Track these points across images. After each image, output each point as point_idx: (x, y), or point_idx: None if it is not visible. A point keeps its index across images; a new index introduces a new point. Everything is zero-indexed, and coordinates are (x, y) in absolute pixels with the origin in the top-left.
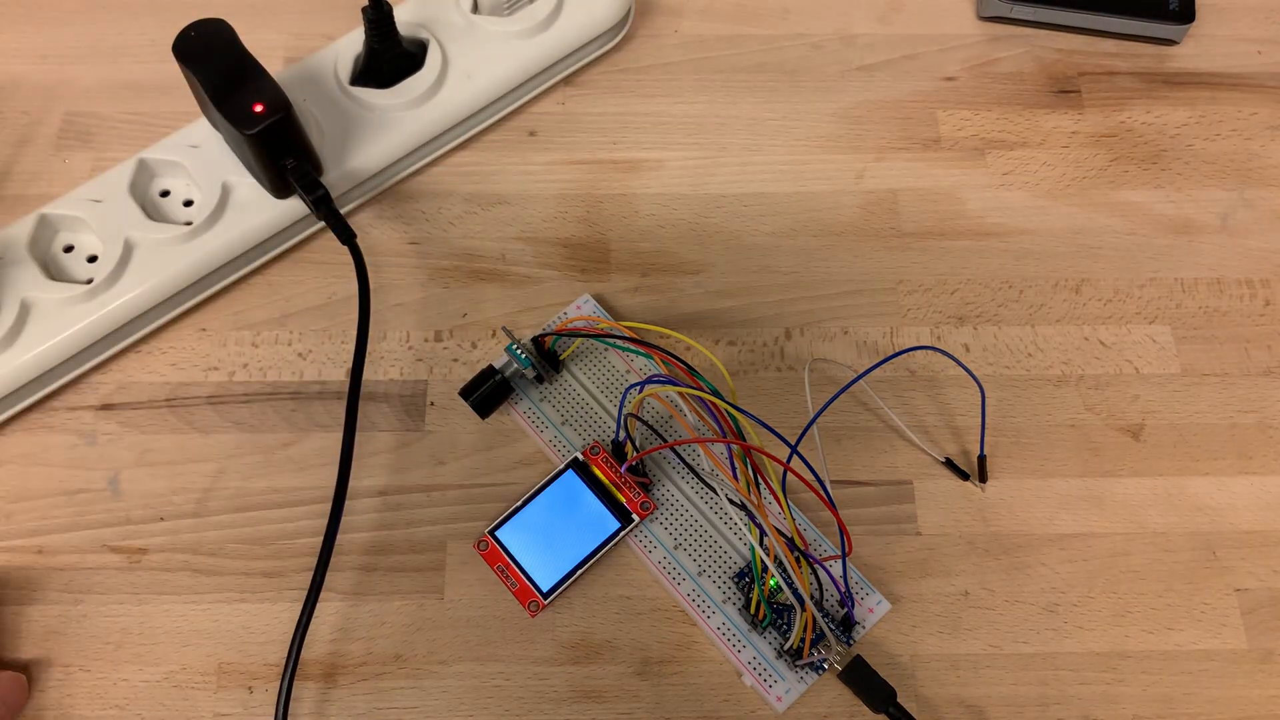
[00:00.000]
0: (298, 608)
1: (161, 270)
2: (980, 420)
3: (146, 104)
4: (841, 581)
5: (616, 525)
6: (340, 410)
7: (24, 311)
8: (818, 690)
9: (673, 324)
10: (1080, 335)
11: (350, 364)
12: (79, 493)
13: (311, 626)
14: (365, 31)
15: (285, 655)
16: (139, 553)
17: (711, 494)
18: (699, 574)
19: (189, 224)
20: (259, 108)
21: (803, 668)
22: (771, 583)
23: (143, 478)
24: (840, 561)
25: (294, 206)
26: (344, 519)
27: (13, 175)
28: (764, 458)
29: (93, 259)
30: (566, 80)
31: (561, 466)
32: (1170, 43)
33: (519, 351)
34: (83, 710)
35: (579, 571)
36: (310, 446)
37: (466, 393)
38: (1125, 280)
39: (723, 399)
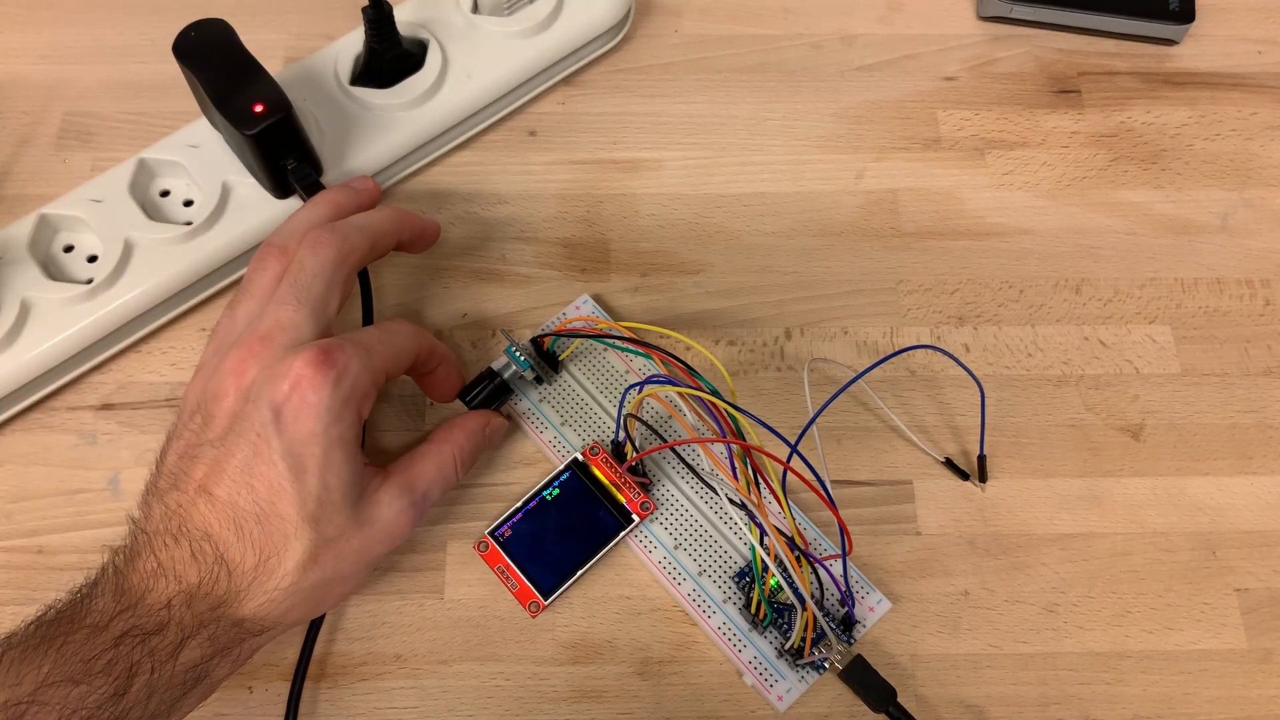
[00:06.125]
0: None
1: (161, 270)
2: (980, 420)
3: (146, 104)
4: (842, 581)
5: (616, 525)
6: None
7: (24, 311)
8: (818, 690)
9: (673, 324)
10: (1080, 335)
11: None
12: (79, 493)
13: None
14: (365, 31)
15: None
16: None
17: (711, 494)
18: (699, 574)
19: (189, 224)
20: (259, 108)
21: (803, 667)
22: (772, 582)
23: (143, 478)
24: (840, 561)
25: (294, 206)
26: None
27: (13, 175)
28: (764, 457)
29: (93, 259)
30: (566, 80)
31: (561, 467)
32: (1170, 43)
33: (517, 354)
34: None
35: (579, 572)
36: None
37: (465, 394)
38: (1125, 280)
39: (722, 399)
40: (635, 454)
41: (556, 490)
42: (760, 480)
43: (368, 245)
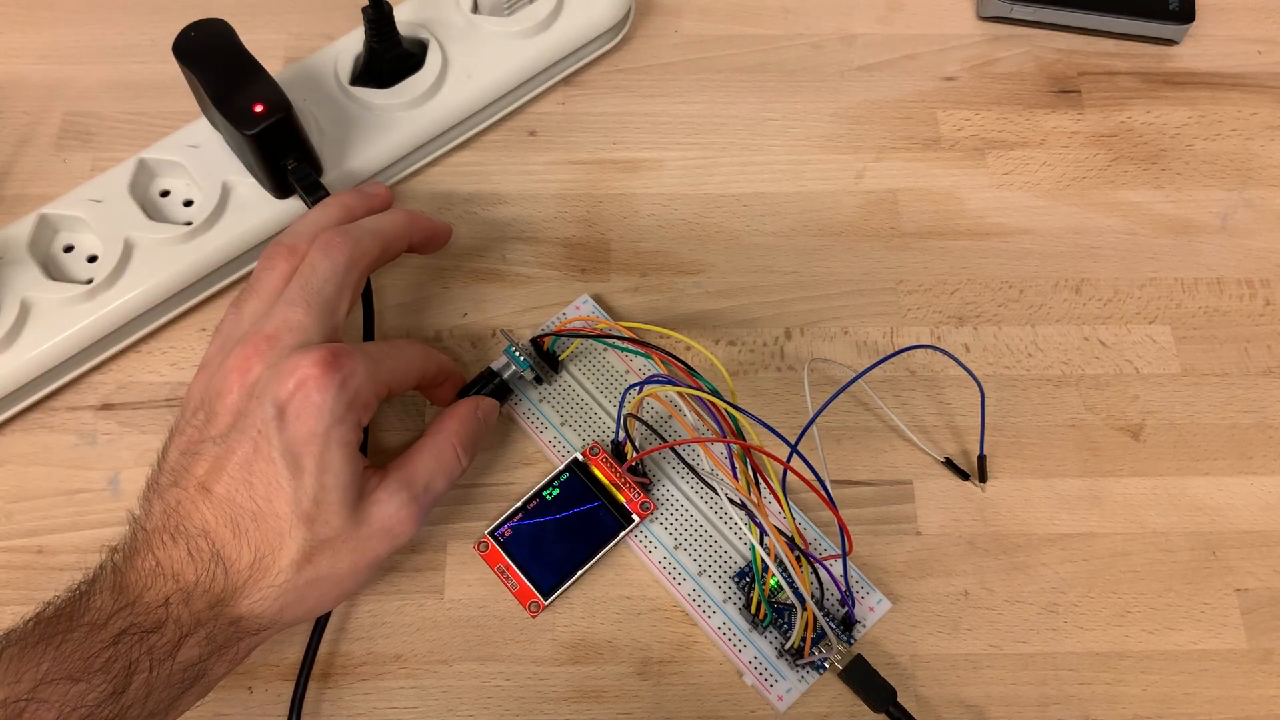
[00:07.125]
0: None
1: (161, 270)
2: (980, 420)
3: (146, 104)
4: (842, 580)
5: (616, 525)
6: None
7: (24, 311)
8: (818, 690)
9: (673, 324)
10: (1080, 335)
11: None
12: (79, 493)
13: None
14: (365, 31)
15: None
16: None
17: (711, 494)
18: (699, 574)
19: (189, 224)
20: (259, 108)
21: (803, 667)
22: (772, 582)
23: (143, 478)
24: (841, 561)
25: (294, 206)
26: None
27: (13, 175)
28: (764, 457)
29: (93, 259)
30: (566, 80)
31: (561, 467)
32: (1170, 43)
33: (517, 354)
34: None
35: (579, 572)
36: None
37: (463, 395)
38: (1125, 280)
39: (722, 399)
40: (635, 454)
41: (556, 490)
42: (760, 480)
43: (379, 250)
